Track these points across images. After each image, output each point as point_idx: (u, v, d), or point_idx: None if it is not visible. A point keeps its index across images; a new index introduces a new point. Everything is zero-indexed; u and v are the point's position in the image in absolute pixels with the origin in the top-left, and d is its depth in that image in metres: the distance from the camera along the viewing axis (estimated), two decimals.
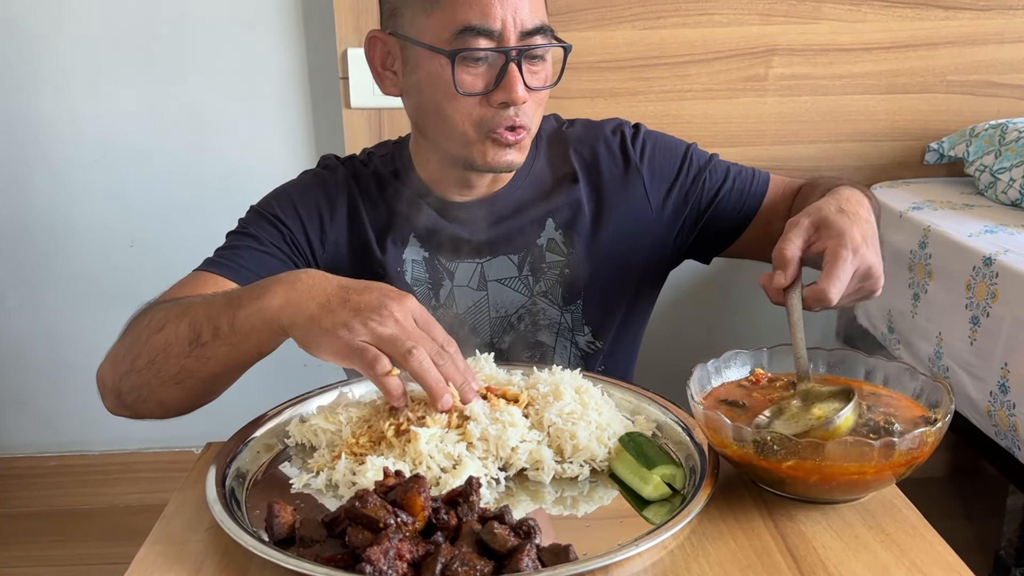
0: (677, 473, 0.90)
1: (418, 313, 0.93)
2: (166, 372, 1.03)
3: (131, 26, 2.13)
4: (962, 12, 2.14)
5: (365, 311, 0.91)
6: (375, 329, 0.90)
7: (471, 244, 1.26)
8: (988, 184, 1.97)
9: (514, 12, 1.08)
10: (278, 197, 1.27)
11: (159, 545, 0.85)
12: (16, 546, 2.32)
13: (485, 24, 1.08)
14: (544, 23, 1.12)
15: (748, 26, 2.12)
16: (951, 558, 0.81)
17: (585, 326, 1.30)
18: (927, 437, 0.83)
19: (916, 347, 1.85)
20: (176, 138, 2.22)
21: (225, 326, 0.98)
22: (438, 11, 1.09)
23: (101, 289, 2.32)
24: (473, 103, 1.12)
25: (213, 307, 1.01)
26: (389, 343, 0.91)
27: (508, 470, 0.95)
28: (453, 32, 1.09)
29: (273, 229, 1.23)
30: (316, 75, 2.19)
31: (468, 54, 1.09)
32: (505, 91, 1.10)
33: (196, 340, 1.00)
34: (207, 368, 1.02)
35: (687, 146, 1.32)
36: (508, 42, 1.09)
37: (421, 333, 0.92)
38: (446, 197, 1.25)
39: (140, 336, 1.05)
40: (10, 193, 2.25)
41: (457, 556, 0.74)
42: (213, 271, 1.18)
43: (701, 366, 0.98)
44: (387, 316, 0.91)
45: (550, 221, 1.27)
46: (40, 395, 2.42)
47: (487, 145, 1.14)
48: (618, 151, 1.29)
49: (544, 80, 1.15)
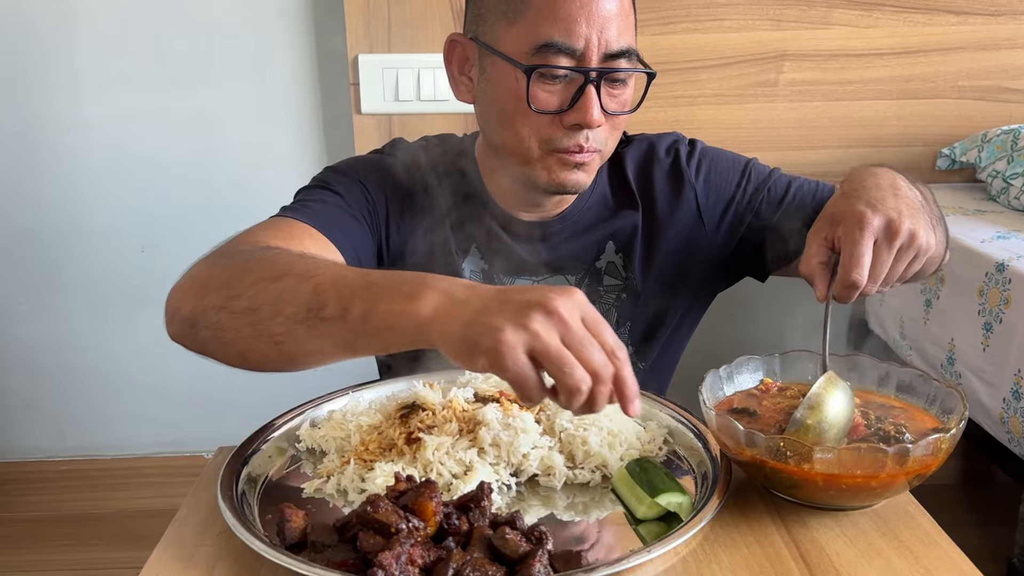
0: (684, 502, 0.87)
1: (587, 310, 0.78)
2: (268, 329, 0.87)
3: (143, 32, 2.14)
4: (973, 17, 2.13)
5: (527, 309, 0.76)
6: (537, 334, 0.75)
7: (530, 263, 1.23)
8: (1000, 190, 1.96)
9: (600, 32, 1.04)
10: (366, 166, 1.21)
11: (171, 549, 0.85)
12: (26, 550, 2.32)
13: (568, 42, 1.03)
14: (630, 46, 1.07)
15: (759, 32, 2.12)
16: (965, 565, 0.80)
17: (629, 346, 1.27)
18: (941, 444, 0.82)
19: (928, 353, 1.84)
20: (187, 143, 2.22)
21: (357, 312, 0.82)
22: (521, 22, 1.05)
23: (111, 294, 2.33)
24: (544, 121, 1.08)
25: (346, 283, 0.84)
26: (550, 359, 0.75)
27: (519, 476, 0.95)
28: (533, 46, 1.04)
29: (360, 195, 1.18)
30: (327, 80, 2.20)
31: (546, 71, 1.05)
32: (579, 113, 1.05)
33: (318, 311, 0.84)
34: (318, 344, 0.86)
35: (746, 162, 1.28)
36: (590, 62, 1.04)
37: (589, 339, 0.76)
38: (511, 212, 1.23)
39: (246, 275, 0.90)
40: (21, 197, 2.26)
41: (468, 561, 0.74)
42: (307, 223, 1.07)
43: (713, 372, 0.98)
44: (552, 314, 0.75)
45: (610, 244, 1.25)
46: (50, 400, 2.43)
47: (551, 163, 1.10)
48: (672, 171, 1.26)
49: (623, 105, 1.10)
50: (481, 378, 1.09)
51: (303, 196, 1.16)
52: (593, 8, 1.03)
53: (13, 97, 2.18)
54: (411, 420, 0.98)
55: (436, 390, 1.06)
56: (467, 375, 1.10)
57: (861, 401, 0.95)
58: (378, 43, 2.07)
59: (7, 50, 2.14)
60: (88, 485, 2.47)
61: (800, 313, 2.17)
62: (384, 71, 2.06)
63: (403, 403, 1.03)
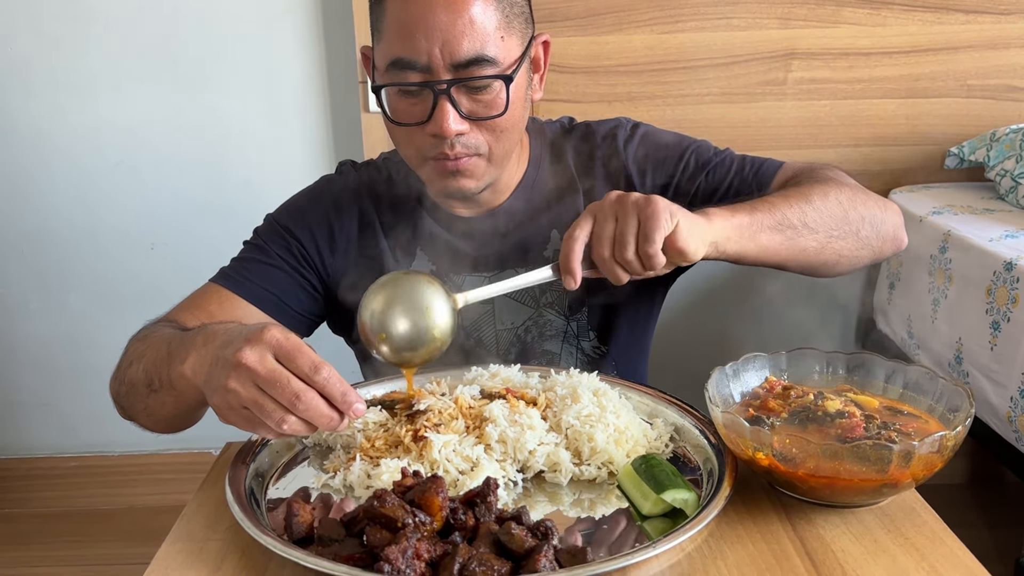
0: (690, 498, 0.87)
1: (278, 346, 0.86)
2: (136, 407, 1.09)
3: (153, 31, 2.15)
4: (983, 16, 2.13)
5: (224, 369, 0.86)
6: (236, 391, 0.85)
7: (478, 259, 1.26)
8: (1009, 189, 1.96)
9: (441, 44, 1.04)
10: (290, 207, 1.29)
11: (180, 543, 0.85)
12: (36, 546, 2.34)
13: (412, 57, 1.05)
14: (481, 53, 1.05)
15: (767, 30, 2.12)
16: (971, 563, 0.80)
17: (590, 331, 1.29)
18: (947, 441, 0.82)
19: (936, 352, 1.84)
20: (196, 141, 2.24)
21: (166, 379, 0.99)
22: (380, 40, 1.10)
23: (122, 292, 2.34)
24: (414, 131, 1.11)
25: (159, 355, 1.02)
26: (253, 407, 0.86)
27: (526, 472, 0.95)
28: (387, 63, 1.08)
29: (282, 241, 1.25)
30: (335, 79, 2.21)
31: (394, 86, 1.09)
32: (435, 124, 1.07)
33: (150, 386, 1.03)
34: (165, 410, 1.05)
35: (687, 145, 1.28)
36: (438, 75, 1.06)
37: (278, 375, 0.85)
38: (452, 211, 1.25)
39: (122, 364, 1.11)
40: (33, 196, 2.27)
41: (475, 556, 0.74)
42: (222, 284, 1.21)
43: (719, 369, 0.98)
44: (240, 367, 0.85)
45: (555, 232, 1.26)
46: (61, 397, 2.45)
47: (429, 171, 1.14)
48: (609, 155, 1.27)
49: (491, 108, 1.09)
50: (487, 375, 1.09)
51: (236, 256, 1.27)
52: (432, 22, 1.04)
53: (26, 97, 2.20)
54: (418, 418, 0.98)
55: (442, 386, 1.07)
56: (472, 372, 1.11)
57: (871, 409, 0.95)
58: None
59: (21, 50, 2.16)
60: (98, 481, 2.49)
61: (803, 312, 2.17)
62: None
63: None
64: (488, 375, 1.09)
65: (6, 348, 2.40)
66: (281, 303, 1.22)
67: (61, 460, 2.49)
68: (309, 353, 0.86)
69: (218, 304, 1.19)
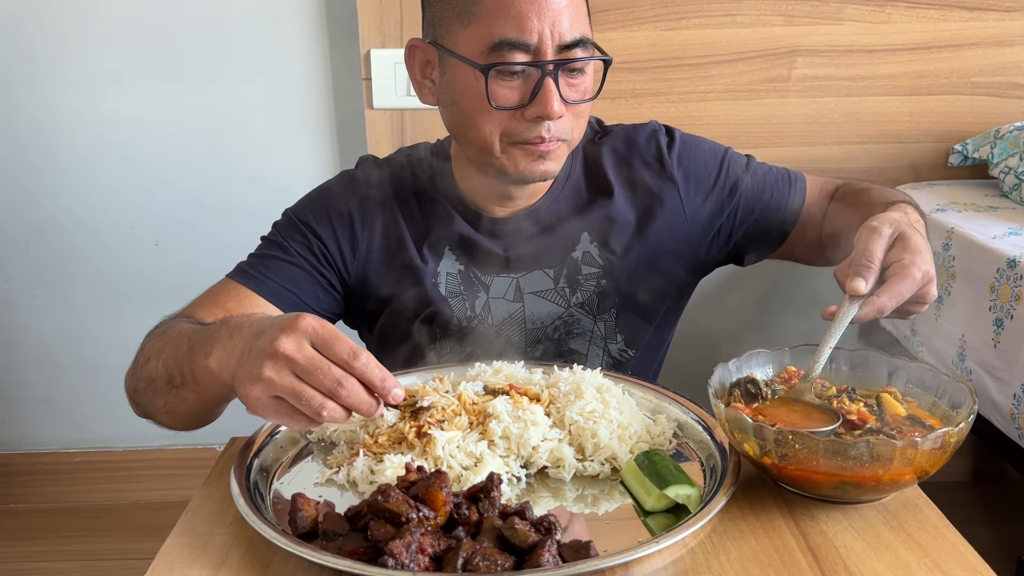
0: (692, 494, 0.87)
1: (315, 334, 0.86)
2: (155, 403, 1.07)
3: (157, 28, 2.15)
4: (987, 13, 2.12)
5: (259, 359, 0.86)
6: (272, 381, 0.85)
7: (507, 259, 1.25)
8: (1013, 186, 1.96)
9: (552, 25, 1.05)
10: (311, 202, 1.27)
11: (184, 537, 0.86)
12: (41, 541, 2.35)
13: (521, 38, 1.05)
14: (584, 35, 1.09)
15: (771, 27, 2.12)
16: (973, 559, 0.80)
17: (618, 334, 1.29)
18: (949, 437, 0.83)
19: (939, 350, 1.84)
20: (200, 138, 2.24)
21: (188, 374, 0.99)
22: (475, 23, 1.07)
23: (126, 288, 2.34)
24: (506, 116, 1.10)
25: (180, 350, 1.01)
26: (291, 396, 0.86)
27: (529, 468, 0.95)
28: (488, 45, 1.06)
29: (302, 238, 1.23)
30: (339, 76, 2.20)
31: (503, 68, 1.07)
32: (540, 106, 1.07)
33: (170, 382, 1.03)
34: (186, 406, 1.04)
35: (723, 152, 1.30)
36: (545, 56, 1.06)
37: (317, 362, 0.85)
38: (483, 210, 1.24)
39: (139, 360, 1.10)
40: (36, 192, 2.27)
41: (478, 551, 0.75)
42: (240, 281, 1.20)
43: (722, 365, 0.98)
44: (277, 355, 0.85)
45: (585, 235, 1.26)
46: (65, 392, 2.45)
47: (516, 154, 1.13)
48: (654, 160, 1.27)
49: (583, 93, 1.12)
50: (490, 371, 1.10)
51: (254, 252, 1.26)
52: (543, 2, 1.05)
53: (30, 92, 2.20)
54: (421, 415, 0.98)
55: (446, 383, 1.07)
56: (475, 369, 1.11)
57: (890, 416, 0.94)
58: (390, 38, 2.07)
59: (25, 46, 2.16)
60: (102, 477, 2.49)
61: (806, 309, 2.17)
62: (396, 66, 2.07)
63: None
64: (491, 371, 1.10)
65: (9, 344, 2.40)
66: (300, 301, 1.22)
67: (65, 455, 2.49)
68: (346, 340, 0.87)
69: (236, 301, 1.18)
